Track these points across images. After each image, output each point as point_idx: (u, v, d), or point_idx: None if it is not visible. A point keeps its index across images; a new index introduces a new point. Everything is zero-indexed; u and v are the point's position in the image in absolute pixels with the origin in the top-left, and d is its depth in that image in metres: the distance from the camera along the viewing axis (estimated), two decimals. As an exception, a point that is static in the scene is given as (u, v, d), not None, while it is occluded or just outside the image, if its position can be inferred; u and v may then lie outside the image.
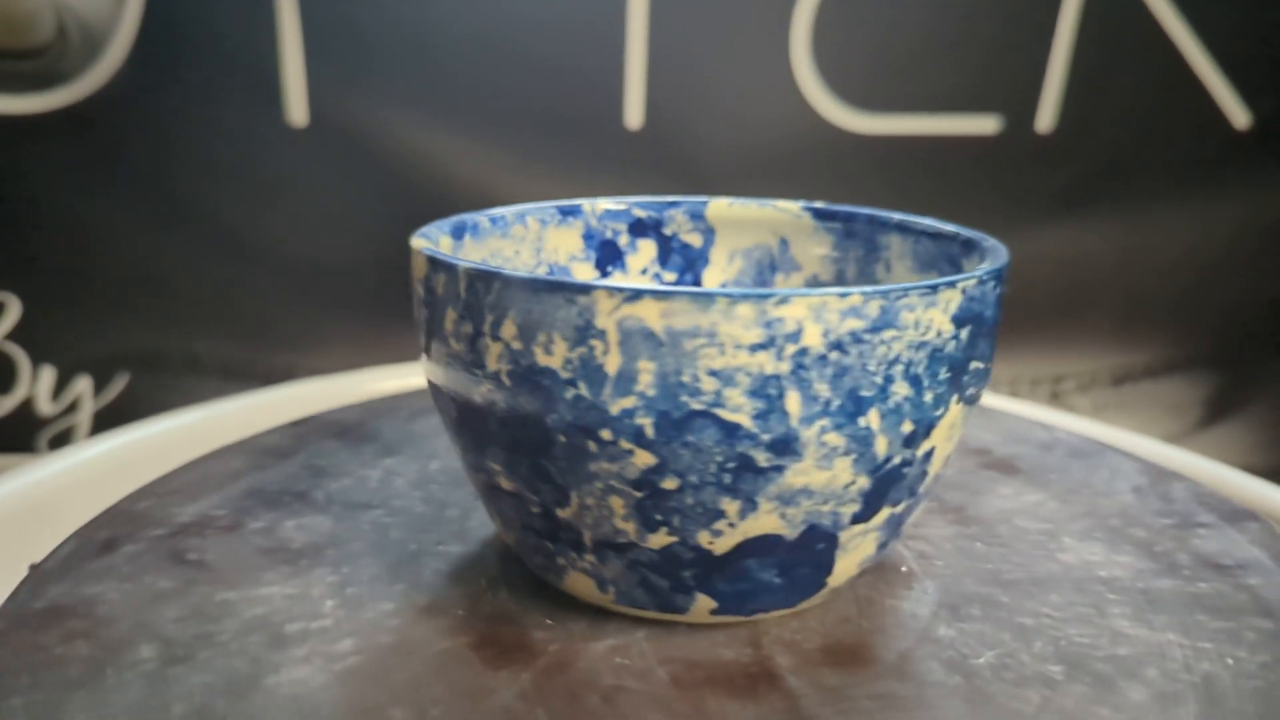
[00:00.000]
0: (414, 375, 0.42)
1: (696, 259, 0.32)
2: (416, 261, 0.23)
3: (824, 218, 0.30)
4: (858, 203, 0.32)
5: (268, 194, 0.60)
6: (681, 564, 0.21)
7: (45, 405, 0.63)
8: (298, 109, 0.57)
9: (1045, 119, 0.61)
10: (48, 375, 0.62)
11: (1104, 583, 0.25)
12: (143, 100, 0.57)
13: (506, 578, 0.25)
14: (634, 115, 0.58)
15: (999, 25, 0.59)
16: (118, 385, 0.63)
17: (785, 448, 0.19)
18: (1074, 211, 0.63)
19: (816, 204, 0.31)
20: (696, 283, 0.33)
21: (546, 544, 0.23)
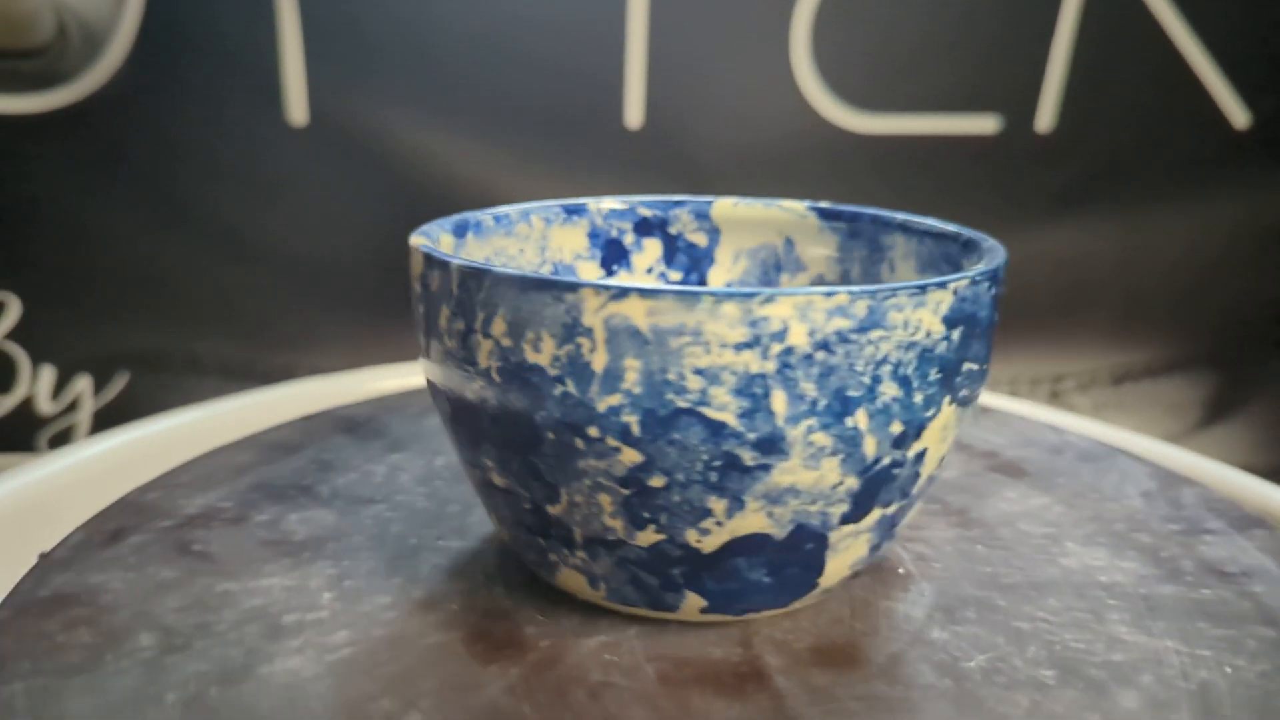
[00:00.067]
0: (414, 375, 0.42)
1: (702, 258, 0.32)
2: (414, 258, 0.23)
3: (829, 218, 0.30)
4: (857, 202, 0.32)
5: (268, 194, 0.60)
6: (670, 562, 0.21)
7: (45, 404, 0.63)
8: (298, 108, 0.57)
9: (1045, 119, 0.61)
10: (48, 374, 0.63)
11: (1104, 588, 0.25)
12: (143, 100, 0.57)
13: (504, 574, 0.25)
14: (634, 115, 0.58)
15: (999, 25, 0.59)
16: (118, 384, 0.63)
17: (771, 447, 0.19)
18: (1074, 211, 0.63)
19: (822, 204, 0.31)
20: (702, 282, 0.33)
21: (539, 540, 0.23)
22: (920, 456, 0.21)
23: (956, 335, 0.20)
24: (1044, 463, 0.33)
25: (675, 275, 0.33)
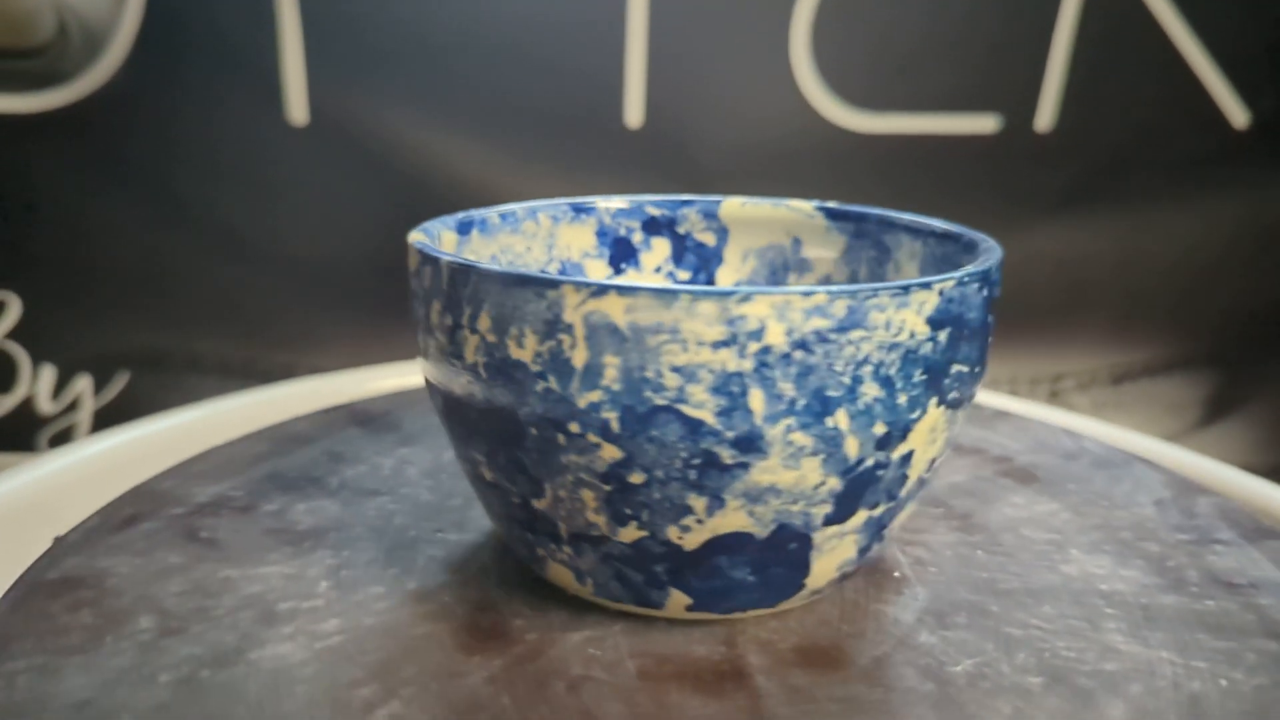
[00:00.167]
0: (413, 374, 0.42)
1: (711, 258, 0.33)
2: (411, 255, 0.23)
3: (836, 218, 0.30)
4: (857, 202, 0.31)
5: (268, 194, 0.60)
6: (653, 558, 0.21)
7: (45, 404, 0.63)
8: (298, 108, 0.58)
9: (1045, 118, 0.60)
10: (48, 374, 0.63)
11: (1103, 596, 0.24)
12: (143, 100, 0.57)
13: (498, 567, 0.26)
14: (634, 114, 0.58)
15: (999, 25, 0.58)
16: (118, 384, 0.64)
17: (750, 446, 0.19)
18: (1073, 210, 0.62)
19: (829, 204, 0.30)
20: (710, 281, 0.33)
21: (527, 535, 0.23)
22: (907, 458, 0.21)
23: (943, 336, 0.20)
24: (1057, 468, 0.33)
25: (684, 274, 0.33)
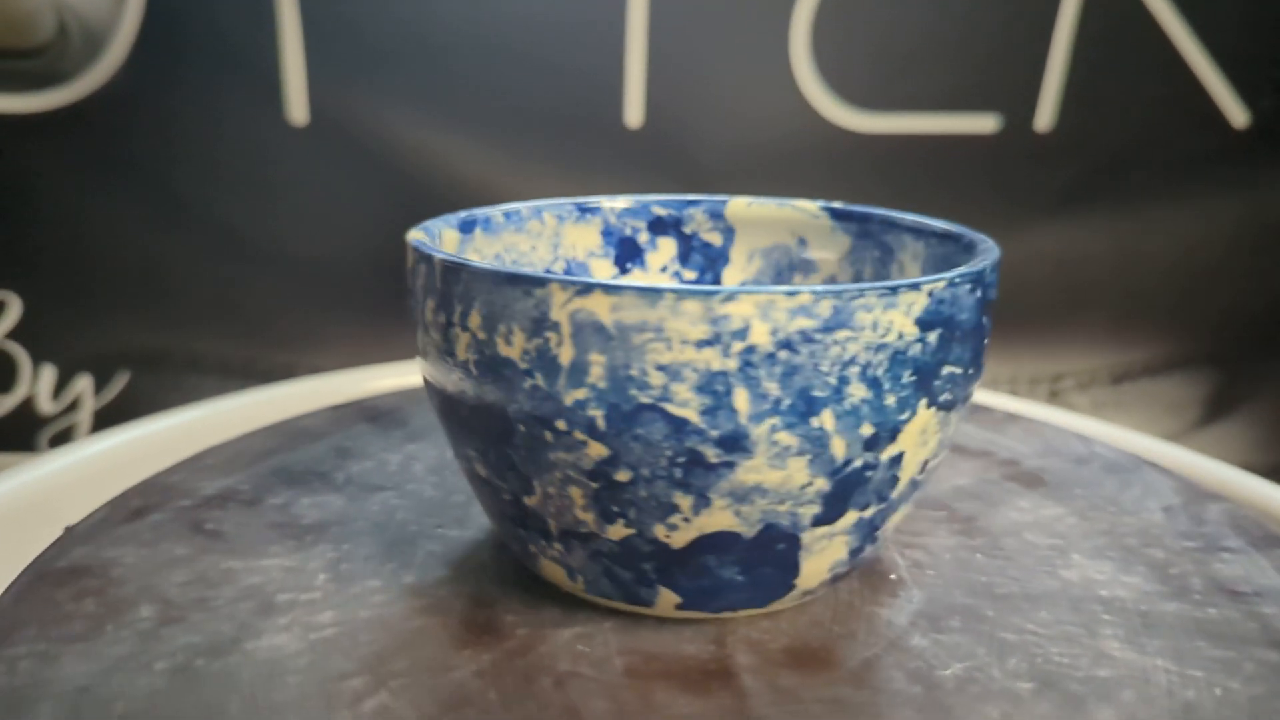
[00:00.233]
0: (413, 374, 0.42)
1: (717, 258, 0.33)
2: (408, 253, 0.23)
3: (841, 218, 0.30)
4: (857, 202, 0.31)
5: (268, 194, 0.60)
6: (641, 556, 0.21)
7: (46, 404, 0.63)
8: (298, 108, 0.58)
9: (1044, 118, 0.59)
10: (48, 374, 0.63)
11: (1102, 602, 0.24)
12: (143, 100, 0.57)
13: (496, 564, 0.26)
14: (634, 114, 0.58)
15: (998, 25, 0.58)
16: (118, 384, 0.63)
17: (734, 445, 0.19)
18: (1073, 210, 0.62)
19: (835, 204, 0.30)
20: (716, 281, 0.33)
21: (520, 531, 0.23)
22: (897, 460, 0.21)
23: (933, 338, 0.20)
24: (1066, 473, 0.32)
25: (690, 274, 0.33)
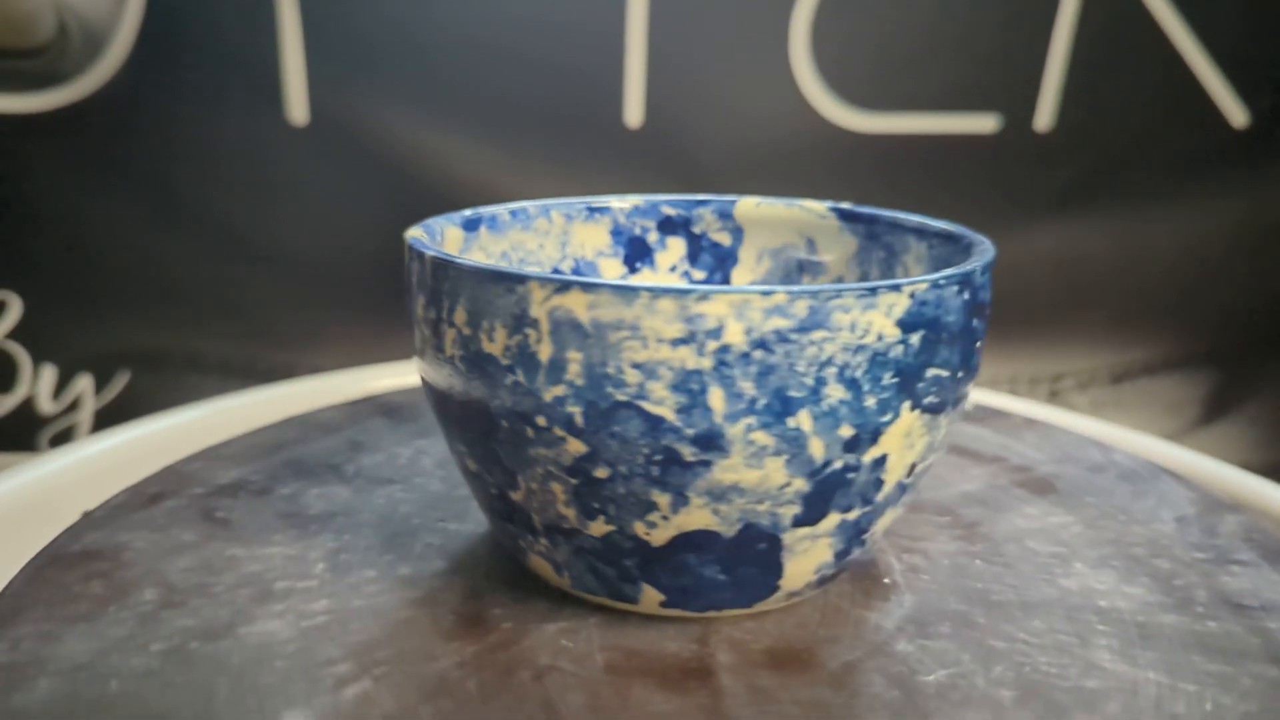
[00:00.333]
0: (412, 374, 0.43)
1: (726, 258, 0.33)
2: (406, 250, 0.24)
3: (848, 219, 0.30)
4: (857, 202, 0.31)
5: (268, 194, 0.60)
6: (622, 553, 0.22)
7: (46, 404, 0.64)
8: (298, 108, 0.58)
9: (1044, 118, 0.59)
10: (49, 374, 0.63)
11: (1099, 613, 0.24)
12: (143, 100, 0.58)
13: (491, 557, 0.26)
14: (634, 114, 0.58)
15: (998, 25, 0.57)
16: (118, 384, 0.64)
17: (710, 444, 0.19)
18: (1073, 210, 0.61)
19: (842, 205, 0.30)
20: (725, 281, 0.33)
21: (509, 526, 0.23)
22: (880, 462, 0.21)
23: (916, 339, 0.20)
24: (1078, 480, 0.32)
25: (699, 274, 0.33)
